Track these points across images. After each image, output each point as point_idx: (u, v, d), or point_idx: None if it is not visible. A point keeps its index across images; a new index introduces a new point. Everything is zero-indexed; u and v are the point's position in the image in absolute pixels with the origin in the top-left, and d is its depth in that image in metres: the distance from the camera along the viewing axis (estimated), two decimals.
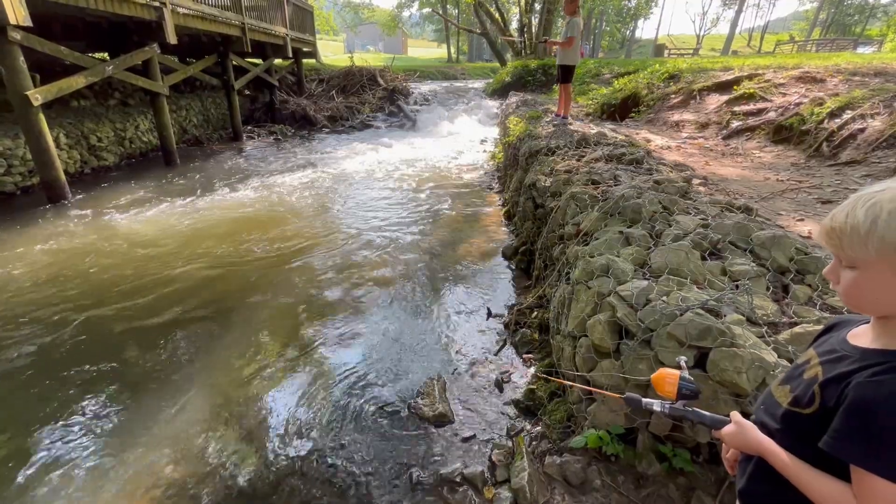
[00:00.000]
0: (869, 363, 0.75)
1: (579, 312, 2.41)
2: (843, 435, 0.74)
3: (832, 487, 0.77)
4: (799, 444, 0.84)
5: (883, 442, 0.70)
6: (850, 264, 0.77)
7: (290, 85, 16.27)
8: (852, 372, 0.76)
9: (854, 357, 0.79)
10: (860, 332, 0.84)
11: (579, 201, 3.52)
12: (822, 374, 0.82)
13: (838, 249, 0.78)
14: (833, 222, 0.78)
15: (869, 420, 0.71)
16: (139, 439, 2.58)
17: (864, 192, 0.75)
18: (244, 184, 8.04)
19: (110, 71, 7.51)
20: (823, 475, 0.79)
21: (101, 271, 4.62)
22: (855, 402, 0.72)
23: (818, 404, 0.80)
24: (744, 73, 7.73)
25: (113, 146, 9.11)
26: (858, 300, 0.79)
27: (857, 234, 0.73)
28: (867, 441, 0.71)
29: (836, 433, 0.75)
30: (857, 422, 0.72)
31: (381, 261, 4.91)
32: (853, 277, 0.77)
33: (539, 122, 7.19)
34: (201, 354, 3.35)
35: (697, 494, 1.83)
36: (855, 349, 0.81)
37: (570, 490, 1.96)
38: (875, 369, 0.73)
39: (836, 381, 0.78)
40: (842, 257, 0.78)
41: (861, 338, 0.83)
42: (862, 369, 0.75)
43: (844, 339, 0.86)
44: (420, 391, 2.90)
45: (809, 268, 2.29)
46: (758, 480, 0.94)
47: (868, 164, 4.47)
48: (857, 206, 0.74)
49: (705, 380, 1.79)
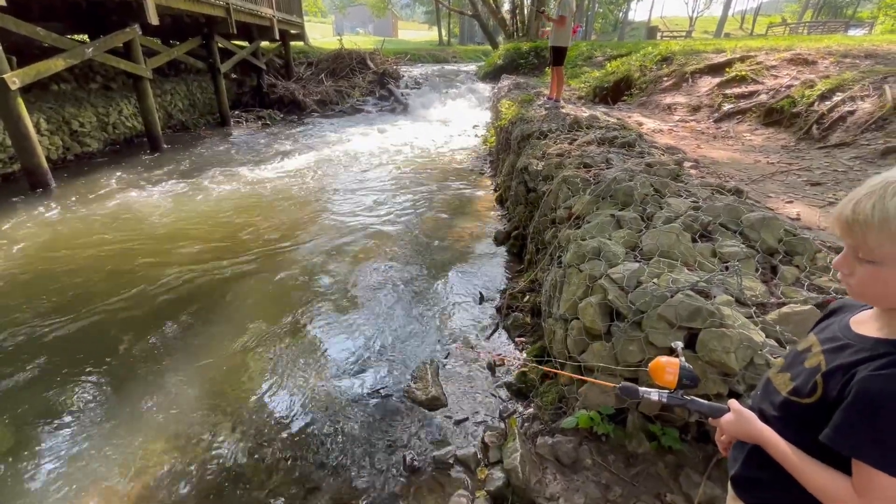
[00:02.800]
0: (874, 354, 0.73)
1: (571, 295, 2.42)
2: (847, 428, 0.72)
3: (832, 479, 0.75)
4: (798, 433, 0.82)
5: (887, 437, 0.68)
6: (872, 258, 0.71)
7: (278, 68, 15.92)
8: (857, 363, 0.74)
9: (858, 346, 0.76)
10: (864, 319, 0.81)
11: (571, 185, 3.50)
12: (825, 363, 0.79)
13: (860, 242, 0.72)
14: (857, 214, 0.71)
15: (874, 415, 0.69)
16: (128, 425, 2.57)
17: (892, 178, 0.69)
18: (233, 170, 7.90)
19: (90, 53, 7.27)
20: (823, 466, 0.77)
21: (85, 260, 4.54)
22: (860, 396, 0.70)
23: (820, 394, 0.78)
24: (736, 56, 7.70)
25: (96, 132, 8.88)
26: (873, 295, 0.76)
27: (886, 228, 0.67)
28: (872, 436, 0.69)
29: (840, 426, 0.73)
30: (862, 416, 0.70)
31: (373, 246, 4.88)
32: (873, 272, 0.72)
33: (531, 106, 7.12)
34: (191, 341, 3.33)
35: (686, 472, 1.86)
36: (858, 337, 0.78)
37: (562, 469, 1.99)
38: (881, 361, 0.71)
39: (839, 371, 0.76)
40: (861, 250, 0.73)
41: (865, 325, 0.80)
42: (867, 360, 0.73)
43: (847, 325, 0.83)
44: (413, 375, 2.91)
45: (797, 249, 2.31)
46: (753, 468, 0.93)
47: (857, 147, 4.49)
48: (886, 196, 0.67)
49: (694, 360, 1.81)
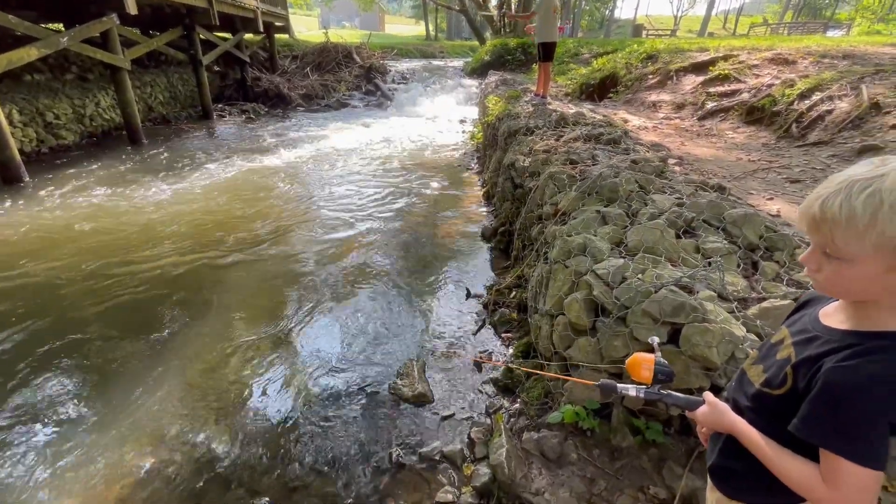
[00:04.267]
0: (840, 345, 0.75)
1: (557, 291, 2.43)
2: (813, 418, 0.74)
3: (800, 468, 0.78)
4: (769, 423, 0.84)
5: (851, 426, 0.70)
6: (839, 255, 0.71)
7: (263, 61, 15.64)
8: (823, 354, 0.76)
9: (825, 338, 0.78)
10: (831, 311, 0.83)
11: (557, 181, 3.51)
12: (795, 355, 0.81)
13: (826, 239, 0.71)
14: (824, 211, 0.70)
15: (838, 405, 0.71)
16: (111, 425, 2.51)
17: (857, 176, 0.68)
18: (215, 165, 7.75)
19: (65, 42, 7.04)
20: (792, 456, 0.79)
21: (60, 255, 4.41)
22: (826, 387, 0.72)
23: (790, 386, 0.80)
24: (719, 54, 7.80)
25: (72, 124, 8.63)
26: (841, 290, 0.77)
27: (854, 227, 0.67)
28: (837, 425, 0.71)
29: (806, 416, 0.75)
30: (828, 406, 0.72)
31: (358, 243, 4.84)
32: (839, 269, 0.72)
33: (518, 102, 7.12)
34: (174, 340, 3.25)
35: (669, 465, 1.89)
36: (825, 329, 0.80)
37: (548, 464, 2.00)
38: (845, 353, 0.73)
39: (807, 363, 0.78)
40: (827, 247, 0.72)
41: (832, 317, 0.82)
42: (833, 352, 0.75)
43: (816, 317, 0.85)
44: (399, 372, 2.89)
45: (778, 245, 2.35)
46: (729, 457, 0.96)
47: (834, 145, 4.60)
48: (853, 195, 0.67)
49: (678, 355, 1.83)
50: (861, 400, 0.70)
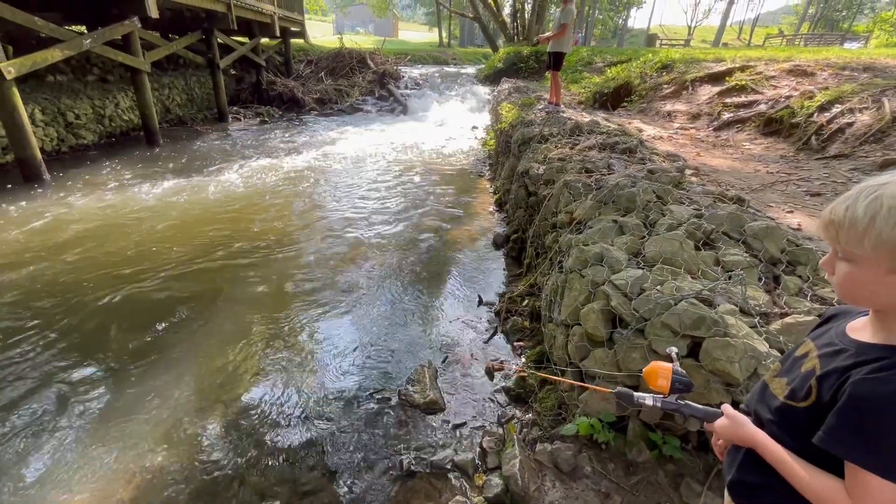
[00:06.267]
0: (867, 358, 0.74)
1: (573, 301, 2.40)
2: (840, 431, 0.72)
3: (825, 483, 0.76)
4: (793, 437, 0.82)
5: (880, 439, 0.69)
6: (846, 257, 0.75)
7: (278, 66, 15.85)
8: (850, 367, 0.74)
9: (852, 351, 0.77)
10: (859, 325, 0.83)
11: (573, 189, 3.49)
12: (820, 367, 0.80)
13: (835, 241, 0.76)
14: (832, 214, 0.75)
15: (866, 417, 0.70)
16: (123, 426, 2.52)
17: (868, 183, 0.72)
18: (230, 166, 7.84)
19: (88, 45, 7.19)
20: (816, 470, 0.77)
21: (78, 254, 4.47)
22: (852, 399, 0.71)
23: (814, 398, 0.78)
24: (736, 65, 7.74)
25: (92, 124, 8.79)
26: (853, 293, 0.78)
27: (854, 228, 0.71)
28: (864, 438, 0.70)
29: (832, 429, 0.73)
30: (855, 418, 0.71)
31: (371, 248, 4.85)
32: (848, 271, 0.75)
33: (532, 110, 7.12)
34: (186, 341, 3.27)
35: (686, 481, 1.85)
36: (853, 342, 0.79)
37: (561, 477, 1.97)
38: (874, 365, 0.72)
39: (833, 375, 0.76)
40: (838, 249, 0.77)
41: (860, 331, 0.81)
42: (860, 364, 0.73)
43: (843, 331, 0.84)
44: (411, 378, 2.88)
45: (800, 259, 2.30)
46: (748, 472, 0.93)
47: (855, 158, 4.52)
48: (858, 200, 0.71)
49: (698, 369, 1.80)
50: (889, 413, 0.68)
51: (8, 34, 6.67)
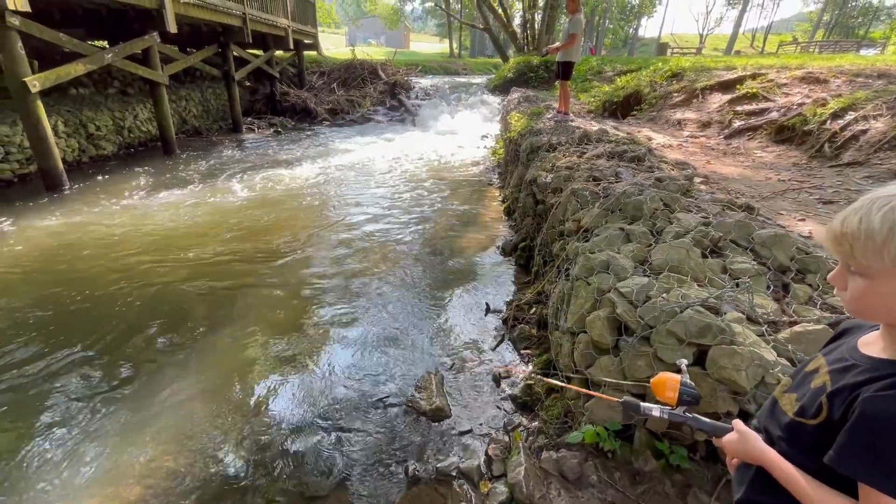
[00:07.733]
0: (879, 374, 0.72)
1: (579, 308, 2.40)
2: (851, 450, 0.70)
3: (836, 503, 0.74)
4: (803, 455, 0.80)
5: (893, 459, 0.67)
6: (861, 272, 0.72)
7: (291, 77, 16.18)
8: (861, 383, 0.72)
9: (863, 367, 0.75)
10: (871, 340, 0.80)
11: (580, 197, 3.50)
12: (831, 383, 0.78)
13: (848, 256, 0.73)
14: (845, 227, 0.72)
15: (879, 436, 0.67)
16: (130, 429, 2.57)
17: (880, 194, 0.69)
18: (244, 175, 8.00)
19: (110, 59, 7.44)
20: (828, 490, 0.75)
21: (98, 259, 4.60)
22: (864, 417, 0.69)
23: (825, 415, 0.76)
24: (747, 73, 7.70)
25: (111, 135, 9.06)
26: (867, 309, 0.75)
27: (872, 241, 0.68)
28: (876, 457, 0.68)
29: (843, 448, 0.71)
30: (866, 437, 0.69)
31: (380, 255, 4.90)
32: (863, 286, 0.72)
33: (540, 119, 7.15)
34: (197, 344, 3.34)
35: (694, 492, 1.82)
36: (865, 358, 0.77)
37: (567, 485, 1.96)
38: (885, 382, 0.70)
39: (844, 391, 0.74)
40: (851, 264, 0.73)
41: (872, 346, 0.79)
42: (871, 381, 0.71)
43: (855, 346, 0.81)
44: (417, 385, 2.89)
45: (810, 267, 2.28)
46: (758, 491, 0.90)
47: (870, 166, 4.46)
48: (872, 211, 0.68)
49: (704, 377, 1.78)
50: None
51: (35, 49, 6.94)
